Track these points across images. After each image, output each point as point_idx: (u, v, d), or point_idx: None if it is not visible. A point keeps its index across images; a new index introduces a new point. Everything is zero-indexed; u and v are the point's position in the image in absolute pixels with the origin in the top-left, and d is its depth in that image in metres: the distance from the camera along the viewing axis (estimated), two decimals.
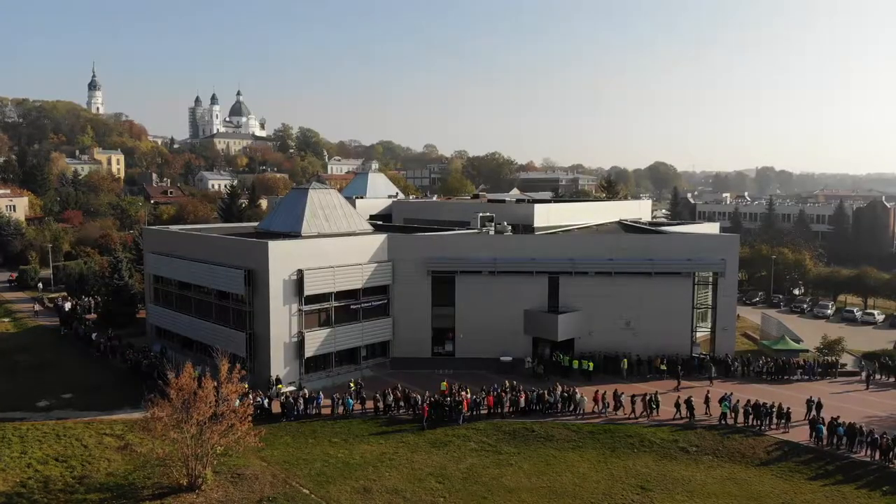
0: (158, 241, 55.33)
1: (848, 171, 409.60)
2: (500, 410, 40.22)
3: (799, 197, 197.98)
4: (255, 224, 58.89)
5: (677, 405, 40.28)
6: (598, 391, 40.94)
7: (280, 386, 42.34)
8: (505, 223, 55.03)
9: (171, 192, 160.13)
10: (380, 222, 64.70)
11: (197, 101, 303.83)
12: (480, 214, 57.20)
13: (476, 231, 54.13)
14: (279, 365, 43.29)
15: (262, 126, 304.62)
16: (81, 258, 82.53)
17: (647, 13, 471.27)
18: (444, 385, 42.35)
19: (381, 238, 48.65)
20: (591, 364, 47.20)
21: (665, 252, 48.92)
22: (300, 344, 44.01)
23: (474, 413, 39.90)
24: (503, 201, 67.49)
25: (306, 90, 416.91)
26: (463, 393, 40.64)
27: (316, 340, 44.68)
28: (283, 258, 42.92)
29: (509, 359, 48.45)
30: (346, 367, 47.08)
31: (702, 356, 49.59)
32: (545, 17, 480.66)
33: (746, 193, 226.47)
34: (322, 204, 51.59)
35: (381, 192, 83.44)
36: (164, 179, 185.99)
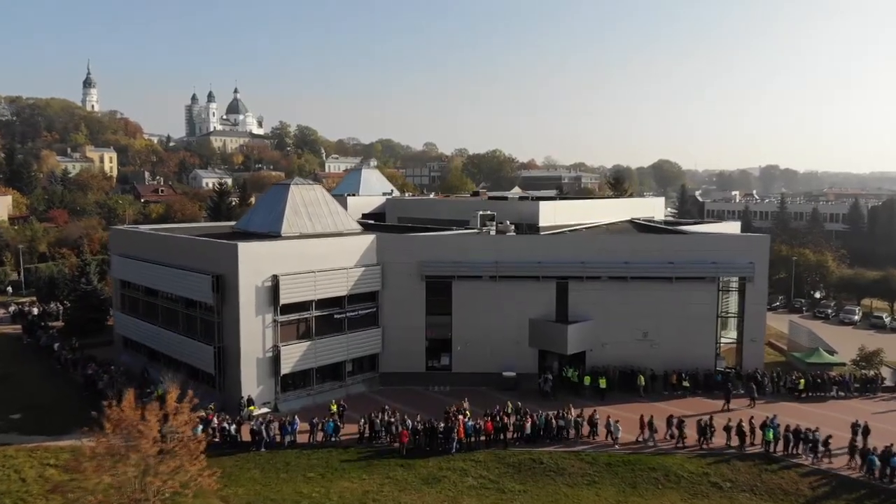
0: (125, 241, 50.21)
1: (851, 170, 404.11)
2: (502, 437, 35.07)
3: (810, 195, 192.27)
4: (234, 223, 53.72)
5: (728, 430, 35.10)
6: (643, 416, 35.76)
7: (252, 408, 37.23)
8: (507, 222, 49.87)
9: (162, 191, 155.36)
10: (372, 221, 59.67)
11: (193, 98, 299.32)
12: (480, 213, 52.08)
13: (475, 231, 48.96)
14: (251, 383, 38.14)
15: (260, 124, 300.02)
16: (57, 260, 77.50)
17: (647, 12, 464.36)
18: (465, 406, 37.31)
19: (369, 239, 43.50)
20: (605, 381, 42.04)
21: (687, 254, 43.70)
22: (275, 359, 38.86)
23: (473, 440, 34.71)
24: (505, 198, 62.32)
25: (305, 89, 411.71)
26: (461, 417, 35.49)
27: (294, 355, 39.52)
28: (255, 262, 37.78)
29: (513, 374, 43.33)
30: (330, 384, 41.90)
31: (727, 371, 44.44)
32: (545, 17, 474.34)
33: (755, 191, 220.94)
34: (305, 201, 46.49)
35: (375, 189, 78.36)
36: (157, 178, 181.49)
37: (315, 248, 40.65)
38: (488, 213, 52.39)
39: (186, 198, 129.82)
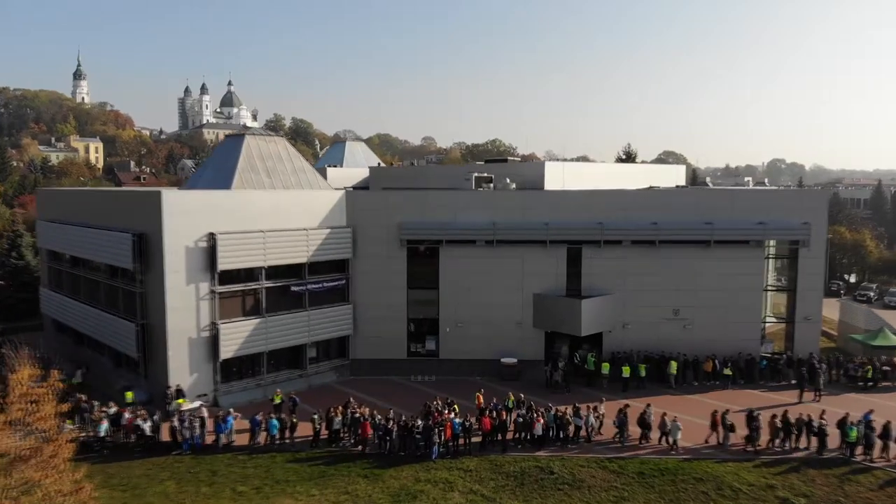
0: (53, 205, 42.29)
1: (855, 168, 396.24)
2: (500, 438, 27.03)
3: (825, 185, 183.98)
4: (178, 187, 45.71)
5: (800, 428, 27.15)
6: (716, 413, 27.79)
7: (181, 401, 29.20)
8: (507, 180, 41.80)
9: (144, 179, 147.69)
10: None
11: (186, 91, 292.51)
12: (476, 174, 43.88)
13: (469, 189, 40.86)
14: (182, 370, 30.16)
15: (255, 117, 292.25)
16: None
17: (645, 11, 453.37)
18: (479, 398, 29.53)
19: (336, 195, 35.56)
20: (628, 369, 34.00)
21: (728, 213, 35.63)
22: (213, 340, 30.86)
23: (462, 442, 26.67)
24: (505, 160, 54.22)
25: (303, 87, 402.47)
26: (446, 413, 27.46)
27: (237, 336, 31.47)
28: (184, 215, 29.74)
29: (514, 361, 35.42)
30: (287, 373, 33.92)
31: (775, 356, 36.44)
32: (544, 16, 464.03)
33: (766, 180, 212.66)
34: (263, 155, 38.57)
35: (360, 163, 70.16)
36: (143, 167, 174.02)
37: (265, 202, 32.59)
38: (485, 175, 44.29)
39: (168, 184, 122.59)
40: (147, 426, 26.55)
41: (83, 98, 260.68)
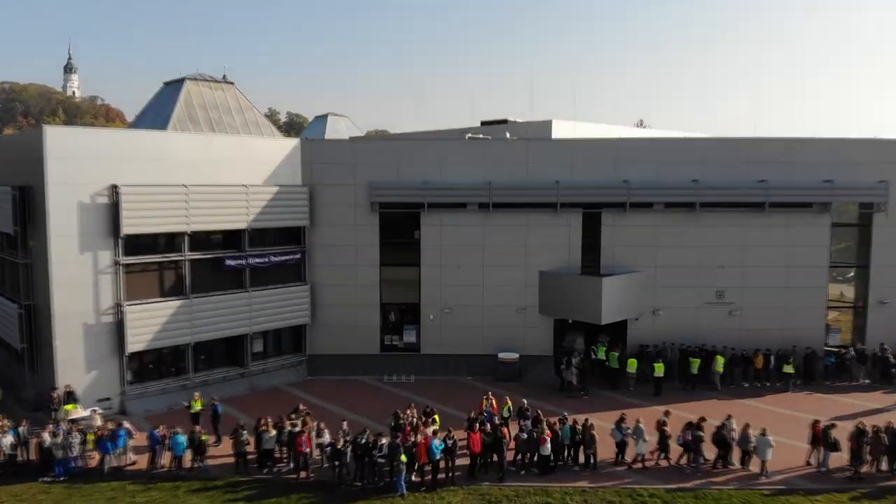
0: None
1: None
2: (494, 460, 19.62)
3: None
4: None
5: None
6: (817, 424, 20.25)
7: (71, 406, 21.92)
8: (507, 135, 34.45)
9: None
10: None
11: None
12: (469, 135, 36.75)
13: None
14: (75, 366, 22.80)
15: None
16: None
17: (646, 11, 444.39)
18: (488, 401, 22.24)
19: (288, 144, 28.25)
20: (662, 366, 26.58)
21: (787, 168, 28.20)
22: (118, 327, 23.48)
23: (444, 467, 19.26)
24: (505, 121, 46.80)
25: (299, 81, 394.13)
26: (421, 426, 20.07)
27: (151, 322, 24.04)
28: (76, 162, 22.30)
29: (514, 356, 28.11)
30: (222, 371, 26.52)
31: (841, 351, 29.07)
32: (542, 13, 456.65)
33: None
34: (207, 104, 31.38)
35: (343, 137, 63.03)
36: None
37: (189, 148, 25.04)
38: (480, 136, 37.06)
39: None
40: (6, 442, 19.21)
41: (74, 92, 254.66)
